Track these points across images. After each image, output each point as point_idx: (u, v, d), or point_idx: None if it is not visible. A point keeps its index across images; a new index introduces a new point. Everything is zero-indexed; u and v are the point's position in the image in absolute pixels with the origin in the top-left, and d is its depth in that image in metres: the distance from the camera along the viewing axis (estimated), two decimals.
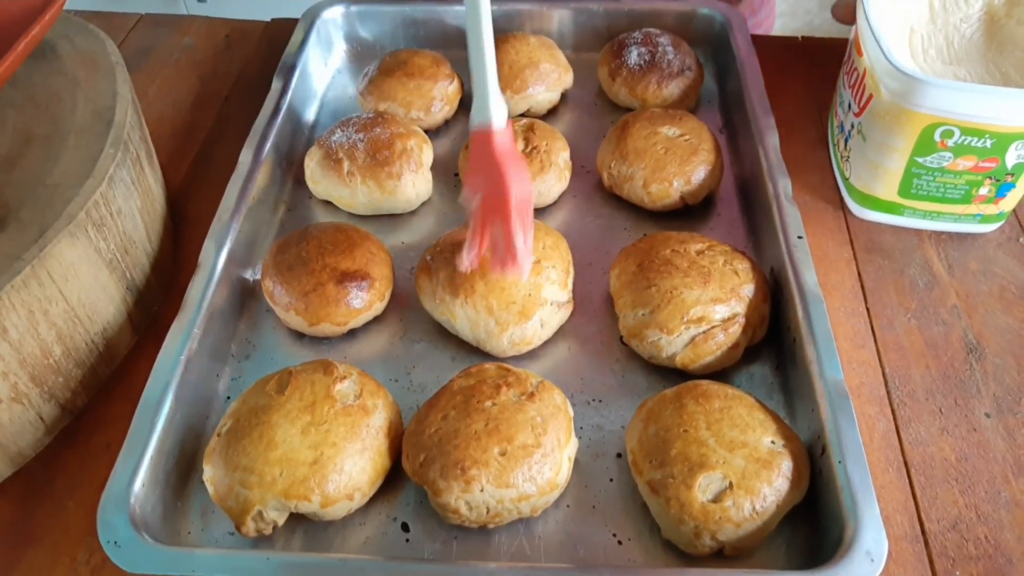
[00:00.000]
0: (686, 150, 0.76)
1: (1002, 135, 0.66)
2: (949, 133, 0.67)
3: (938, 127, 0.67)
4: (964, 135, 0.67)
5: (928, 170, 0.71)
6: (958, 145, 0.68)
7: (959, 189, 0.71)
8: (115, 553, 0.52)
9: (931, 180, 0.71)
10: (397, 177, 0.77)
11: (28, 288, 0.57)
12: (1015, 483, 0.60)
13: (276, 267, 0.68)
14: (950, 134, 0.67)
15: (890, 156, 0.72)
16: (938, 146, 0.68)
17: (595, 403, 0.65)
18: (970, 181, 0.70)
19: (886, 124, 0.71)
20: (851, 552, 0.50)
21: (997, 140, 0.67)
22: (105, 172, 0.63)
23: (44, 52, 0.73)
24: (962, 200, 0.72)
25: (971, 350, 0.68)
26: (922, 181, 0.72)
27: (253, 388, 0.60)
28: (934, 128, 0.68)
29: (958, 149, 0.68)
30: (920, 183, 0.72)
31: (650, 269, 0.66)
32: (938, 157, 0.69)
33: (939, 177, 0.71)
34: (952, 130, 0.67)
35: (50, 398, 0.62)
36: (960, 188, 0.71)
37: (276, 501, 0.54)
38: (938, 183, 0.71)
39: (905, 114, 0.68)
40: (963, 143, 0.67)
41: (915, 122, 0.68)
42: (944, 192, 0.72)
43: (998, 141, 0.67)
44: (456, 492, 0.54)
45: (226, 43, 1.03)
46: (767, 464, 0.54)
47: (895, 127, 0.70)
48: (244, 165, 0.75)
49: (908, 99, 0.68)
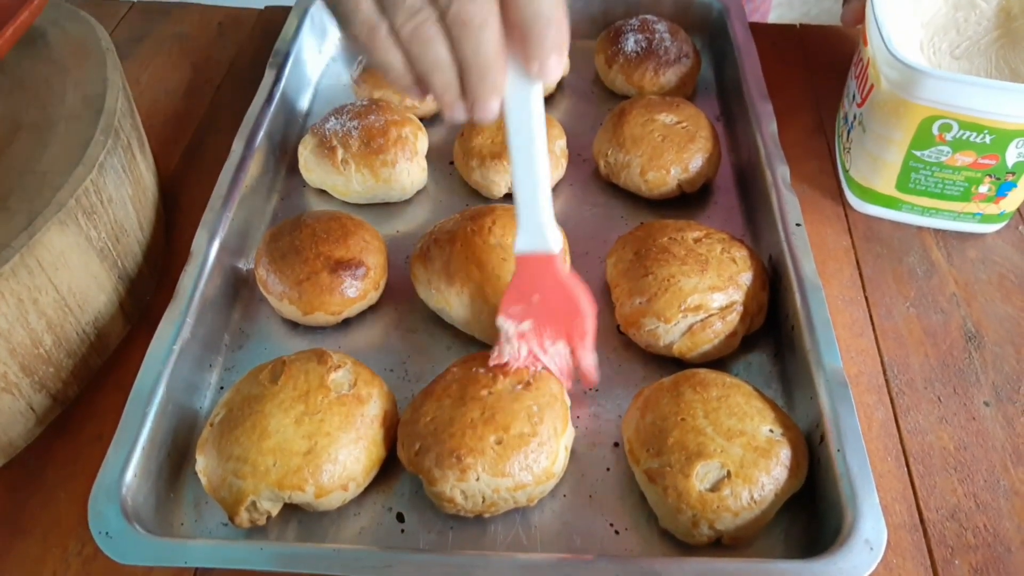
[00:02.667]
0: (683, 138, 0.76)
1: (1002, 131, 0.65)
2: (947, 127, 0.66)
3: (936, 120, 0.66)
4: (963, 129, 0.66)
5: (926, 164, 0.70)
6: (956, 140, 0.67)
7: (958, 186, 0.70)
8: (106, 544, 0.51)
9: (929, 175, 0.70)
10: (392, 165, 0.76)
11: (17, 277, 0.56)
12: (1014, 472, 0.59)
13: (269, 256, 0.68)
14: (948, 128, 0.66)
15: (888, 148, 0.71)
16: (936, 140, 0.68)
17: (591, 392, 0.64)
18: (969, 178, 0.69)
19: (885, 115, 0.70)
20: (850, 541, 0.50)
21: (997, 136, 0.66)
22: (95, 159, 0.62)
23: (34, 39, 0.72)
24: (961, 197, 0.71)
25: (970, 339, 0.68)
26: (920, 176, 0.71)
27: (246, 378, 0.60)
28: (932, 121, 0.67)
29: (956, 144, 0.67)
30: (918, 177, 0.71)
31: (647, 257, 0.66)
32: (936, 151, 0.68)
33: (937, 172, 0.70)
34: (950, 123, 0.66)
35: (41, 388, 0.61)
36: (959, 185, 0.70)
37: (270, 491, 0.54)
38: (936, 178, 0.70)
39: (903, 105, 0.68)
40: (961, 137, 0.66)
41: (913, 114, 0.67)
42: (943, 188, 0.71)
43: (998, 137, 0.66)
44: (451, 481, 0.54)
45: (219, 31, 1.02)
46: (765, 453, 0.54)
47: (893, 118, 0.69)
48: (237, 153, 0.75)
49: (906, 90, 0.67)
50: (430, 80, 0.46)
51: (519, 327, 0.59)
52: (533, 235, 0.57)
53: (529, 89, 0.49)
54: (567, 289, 0.58)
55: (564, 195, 0.80)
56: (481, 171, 0.77)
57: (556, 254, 0.57)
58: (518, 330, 0.59)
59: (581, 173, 0.82)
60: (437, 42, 0.44)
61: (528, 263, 0.58)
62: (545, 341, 0.59)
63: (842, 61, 0.92)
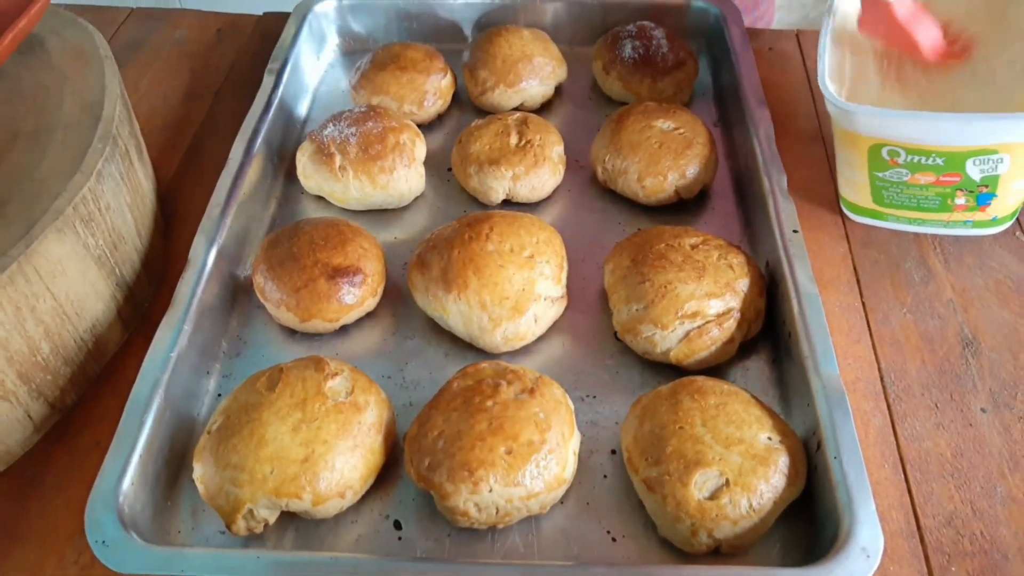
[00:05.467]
0: (681, 144, 0.76)
1: (950, 154, 0.65)
2: (895, 153, 0.67)
3: (883, 147, 0.67)
4: (911, 154, 0.66)
5: (892, 183, 0.70)
6: (909, 163, 0.67)
7: (932, 200, 0.70)
8: (103, 552, 0.51)
9: (899, 192, 0.71)
10: (389, 172, 0.76)
11: (15, 284, 0.56)
12: (1011, 478, 0.59)
13: (267, 263, 0.68)
14: (896, 154, 0.67)
15: (853, 170, 0.72)
16: (889, 164, 0.68)
17: (589, 399, 0.64)
18: (940, 193, 0.69)
19: (841, 141, 0.72)
20: (847, 548, 0.50)
21: (947, 158, 0.66)
22: (93, 167, 0.62)
23: (32, 46, 0.72)
24: (940, 209, 0.71)
25: (967, 345, 0.68)
26: (891, 193, 0.71)
27: (243, 385, 0.59)
28: (879, 148, 0.68)
29: (911, 166, 0.67)
30: (890, 195, 0.71)
31: (644, 264, 0.66)
32: (896, 172, 0.68)
33: (906, 190, 0.70)
34: (897, 151, 0.67)
35: (38, 396, 0.61)
36: (933, 199, 0.70)
37: (267, 499, 0.54)
38: (907, 194, 0.70)
39: (850, 135, 0.69)
40: (913, 161, 0.67)
41: (860, 142, 0.69)
42: (918, 203, 0.71)
43: (948, 159, 0.66)
44: (464, 494, 0.54)
45: (218, 37, 1.02)
46: (764, 461, 0.54)
47: (846, 144, 0.71)
48: (235, 160, 0.75)
49: (847, 122, 0.68)
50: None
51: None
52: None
53: None
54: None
55: (562, 201, 0.80)
56: (479, 177, 0.77)
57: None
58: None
59: (579, 179, 0.82)
60: None
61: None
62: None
63: None
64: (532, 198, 0.78)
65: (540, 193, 0.78)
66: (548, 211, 0.79)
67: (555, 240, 0.69)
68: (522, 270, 0.65)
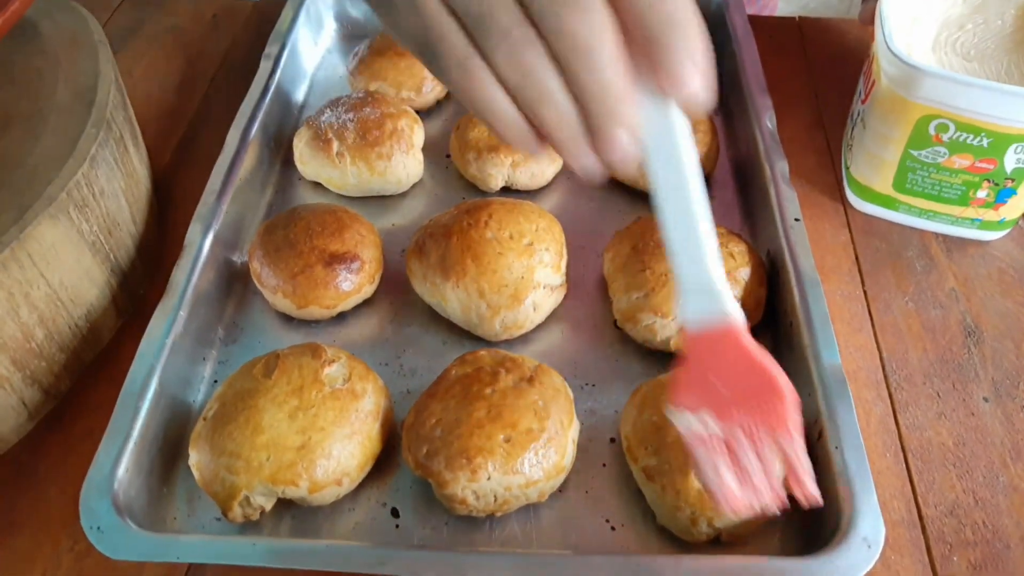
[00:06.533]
0: None
1: (999, 135, 0.64)
2: (944, 127, 0.66)
3: (933, 119, 0.66)
4: (959, 131, 0.65)
5: (923, 164, 0.69)
6: (953, 141, 0.66)
7: (955, 189, 0.69)
8: (98, 539, 0.51)
9: (926, 176, 0.70)
10: (387, 158, 0.75)
11: (8, 271, 0.55)
12: (1013, 468, 0.59)
13: (263, 249, 0.67)
14: (945, 128, 0.66)
15: (886, 147, 0.70)
16: (933, 140, 0.67)
17: (588, 387, 0.64)
18: (967, 182, 0.69)
19: (884, 112, 0.69)
20: (848, 538, 0.50)
21: (994, 140, 0.65)
22: (87, 152, 0.61)
23: (24, 30, 0.72)
24: (959, 201, 0.70)
25: (969, 334, 0.67)
26: (917, 176, 0.70)
27: (240, 372, 0.59)
28: (929, 120, 0.66)
29: (953, 145, 0.66)
30: (915, 178, 0.70)
31: (644, 252, 0.65)
32: (933, 152, 0.67)
33: (934, 174, 0.69)
34: (947, 124, 0.65)
35: (32, 383, 0.60)
36: (956, 188, 0.69)
37: (263, 486, 0.53)
38: (933, 180, 0.70)
39: (901, 103, 0.67)
40: (958, 139, 0.66)
41: (910, 112, 0.67)
42: (940, 191, 0.70)
43: (995, 141, 0.65)
44: (463, 482, 0.53)
45: (214, 22, 1.01)
46: None
47: (891, 116, 0.68)
48: (231, 146, 0.74)
49: (904, 87, 0.66)
50: (539, 116, 0.37)
51: (700, 420, 0.47)
52: (701, 298, 0.45)
53: (667, 113, 0.40)
54: (762, 369, 0.45)
55: (561, 189, 0.79)
56: (478, 164, 0.76)
57: (736, 321, 0.45)
58: (699, 425, 0.47)
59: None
60: (540, 67, 0.36)
61: (703, 341, 0.46)
62: (742, 439, 0.46)
63: (842, 55, 0.92)
64: (531, 185, 0.78)
65: (540, 180, 0.78)
66: (548, 198, 0.78)
67: (555, 228, 0.69)
68: (521, 258, 0.65)
